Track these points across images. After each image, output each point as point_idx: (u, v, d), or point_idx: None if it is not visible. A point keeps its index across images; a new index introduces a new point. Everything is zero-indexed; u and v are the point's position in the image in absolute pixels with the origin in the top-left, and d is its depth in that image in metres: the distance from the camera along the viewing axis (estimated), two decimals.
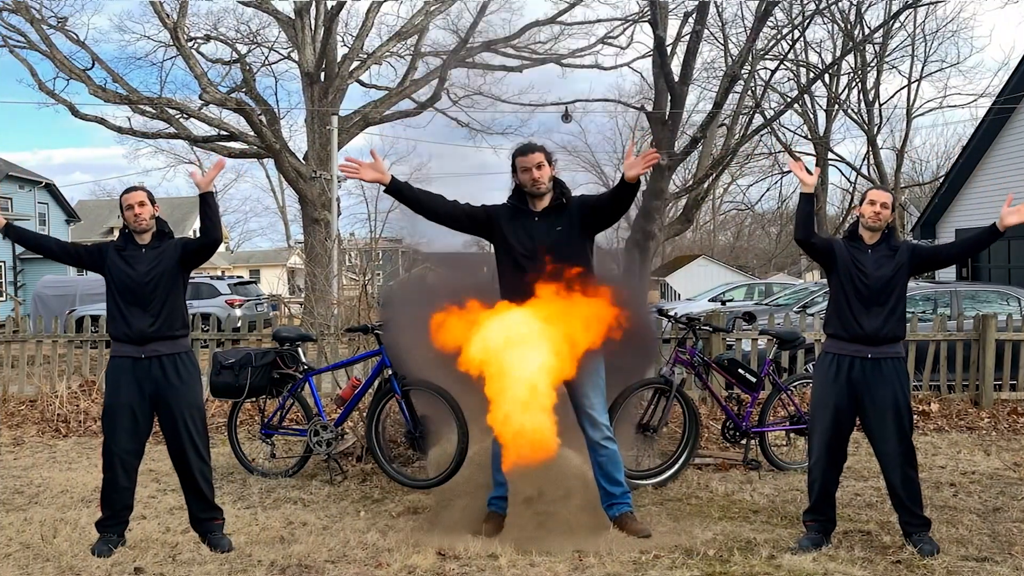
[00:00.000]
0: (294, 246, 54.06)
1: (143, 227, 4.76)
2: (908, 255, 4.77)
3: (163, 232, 4.86)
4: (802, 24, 20.60)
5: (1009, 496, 5.89)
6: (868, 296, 4.70)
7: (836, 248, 4.84)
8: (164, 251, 4.78)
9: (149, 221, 4.77)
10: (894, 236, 4.87)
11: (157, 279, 4.72)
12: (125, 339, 4.73)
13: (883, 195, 4.85)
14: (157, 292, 4.71)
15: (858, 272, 4.72)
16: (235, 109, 23.08)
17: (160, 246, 4.80)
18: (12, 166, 37.05)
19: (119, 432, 4.71)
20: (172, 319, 4.76)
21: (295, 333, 6.75)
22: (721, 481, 6.24)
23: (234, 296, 21.78)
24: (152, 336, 4.70)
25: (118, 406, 4.72)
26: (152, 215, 4.79)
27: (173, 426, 4.76)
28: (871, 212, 4.76)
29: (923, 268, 5.03)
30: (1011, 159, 19.15)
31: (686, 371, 6.45)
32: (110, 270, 4.76)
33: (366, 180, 5.01)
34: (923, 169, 43.24)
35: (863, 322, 4.69)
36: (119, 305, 4.74)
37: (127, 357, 4.73)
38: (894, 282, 4.71)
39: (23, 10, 21.20)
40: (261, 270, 54.34)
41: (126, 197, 4.76)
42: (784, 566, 4.45)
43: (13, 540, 4.97)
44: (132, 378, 4.71)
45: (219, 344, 9.51)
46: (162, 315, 4.72)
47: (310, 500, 5.82)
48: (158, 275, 4.72)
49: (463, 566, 4.48)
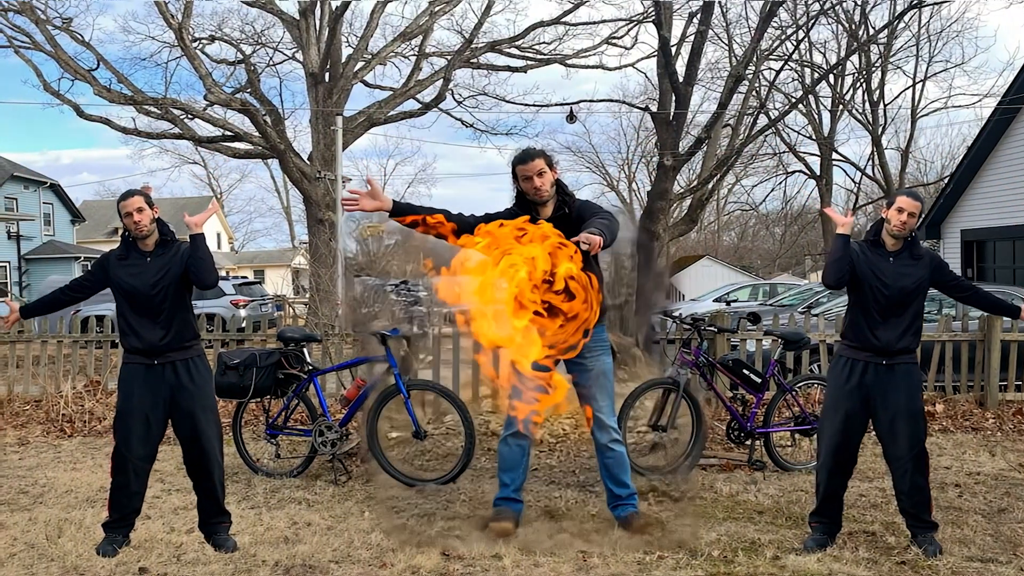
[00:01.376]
0: (299, 246, 54.11)
1: (144, 233, 4.66)
2: (930, 271, 4.65)
3: (166, 238, 4.76)
4: (806, 24, 20.57)
5: (1014, 497, 5.87)
6: (886, 307, 4.62)
7: (854, 258, 4.67)
8: (171, 259, 4.69)
9: (150, 226, 4.67)
10: (917, 244, 4.71)
11: (165, 289, 4.64)
12: (136, 351, 4.69)
13: (913, 204, 4.60)
14: (167, 302, 4.65)
15: (878, 283, 4.61)
16: (240, 110, 23.10)
17: (166, 253, 4.70)
18: (17, 166, 37.13)
19: (132, 438, 4.68)
20: (183, 330, 4.71)
21: (300, 333, 6.75)
22: (726, 482, 6.23)
23: (239, 296, 21.81)
24: (164, 348, 4.66)
25: (131, 412, 4.68)
26: (152, 219, 4.69)
27: (189, 430, 4.73)
28: (898, 221, 4.59)
29: (937, 288, 4.86)
30: (1016, 159, 19.11)
31: (691, 372, 6.45)
32: (115, 282, 4.68)
33: (368, 210, 4.89)
34: (928, 169, 43.22)
35: (879, 334, 4.63)
36: (128, 317, 4.68)
37: (139, 364, 4.70)
38: (913, 295, 4.62)
39: (28, 11, 21.25)
40: (266, 270, 54.44)
41: (123, 204, 4.64)
42: (788, 567, 4.44)
43: (18, 540, 4.98)
44: (145, 383, 4.67)
45: (224, 344, 9.52)
46: (173, 326, 4.67)
47: (315, 500, 5.83)
48: (166, 285, 4.64)
49: (467, 566, 4.48)
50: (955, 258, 20.43)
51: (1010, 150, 19.40)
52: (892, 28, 28.16)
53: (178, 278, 4.67)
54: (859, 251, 4.72)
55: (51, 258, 35.92)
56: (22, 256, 35.72)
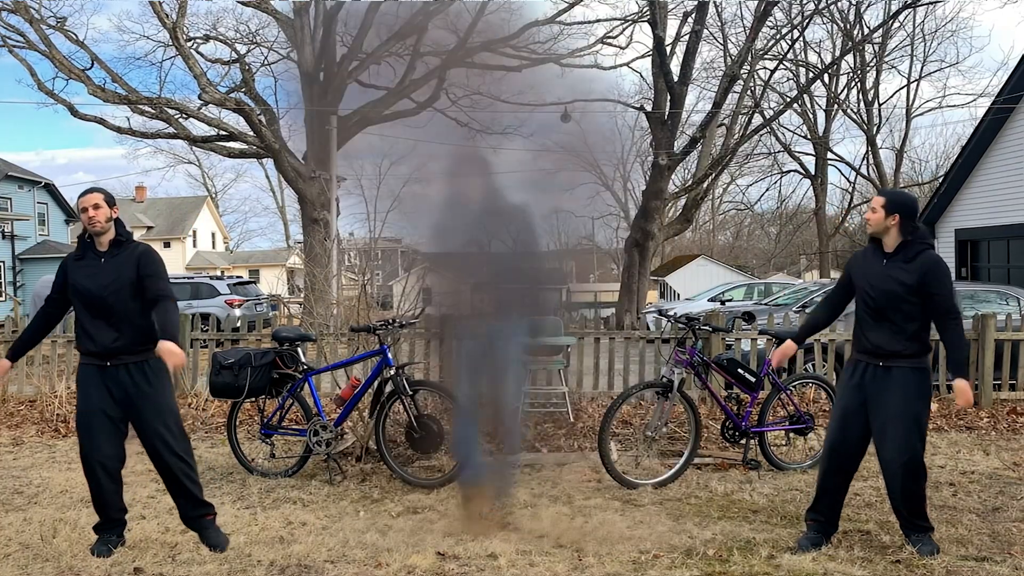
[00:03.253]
0: (293, 246, 54.09)
1: (98, 229, 4.59)
2: (918, 276, 4.49)
3: (120, 239, 4.67)
4: (801, 24, 20.61)
5: (1008, 496, 5.89)
6: (875, 310, 4.61)
7: (852, 263, 4.85)
8: (124, 261, 4.60)
9: (105, 224, 4.60)
10: (912, 247, 4.57)
11: (117, 291, 4.57)
12: (90, 353, 4.63)
13: (876, 199, 4.69)
14: (118, 304, 4.57)
15: (867, 286, 4.65)
16: (234, 109, 23.07)
17: (120, 254, 4.62)
18: (11, 166, 37.04)
19: (99, 437, 4.61)
20: (136, 333, 4.60)
21: (295, 333, 6.74)
22: (720, 481, 6.24)
23: (233, 296, 21.77)
24: (116, 350, 4.58)
25: (93, 412, 4.62)
26: (108, 218, 4.61)
27: (146, 432, 4.66)
28: (866, 216, 4.75)
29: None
30: (1010, 159, 19.16)
31: (685, 371, 6.46)
32: (71, 284, 4.63)
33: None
34: (922, 169, 43.33)
35: (870, 336, 4.63)
36: (82, 319, 4.62)
37: (93, 366, 4.64)
38: (899, 299, 4.53)
39: (22, 10, 21.20)
40: (260, 270, 54.36)
41: (81, 200, 4.60)
42: (783, 566, 4.45)
43: (12, 540, 4.97)
44: (101, 383, 4.61)
45: (219, 344, 9.51)
46: (124, 328, 4.58)
47: (309, 500, 5.82)
48: (118, 287, 4.56)
49: (463, 566, 4.48)
50: (949, 257, 20.47)
51: (1004, 149, 19.45)
52: (887, 28, 28.22)
53: (130, 281, 4.58)
54: (860, 255, 4.83)
55: (45, 258, 35.83)
56: (16, 256, 35.64)
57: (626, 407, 7.85)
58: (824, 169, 35.28)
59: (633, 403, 8.04)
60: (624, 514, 5.42)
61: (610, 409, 6.21)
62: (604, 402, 8.71)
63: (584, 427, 7.90)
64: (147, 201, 57.67)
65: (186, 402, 8.97)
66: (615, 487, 6.02)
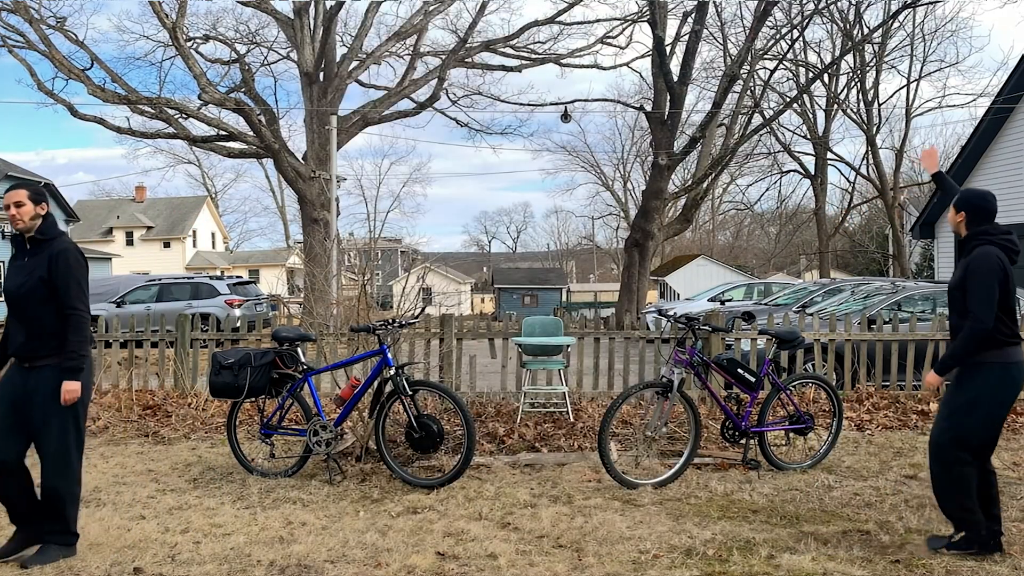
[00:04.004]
0: (293, 246, 54.12)
1: (20, 228, 4.51)
2: (963, 273, 4.62)
3: (39, 238, 4.54)
4: (801, 24, 20.61)
5: (1008, 496, 5.88)
6: (950, 303, 4.76)
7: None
8: (38, 261, 4.48)
9: (28, 222, 4.51)
10: (970, 242, 4.70)
11: (30, 292, 4.46)
12: (12, 354, 4.56)
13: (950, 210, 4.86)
14: (28, 304, 4.47)
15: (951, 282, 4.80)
16: (234, 109, 23.10)
17: (39, 254, 4.51)
18: (11, 166, 37.02)
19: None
20: (43, 335, 4.46)
21: (294, 333, 6.74)
22: (720, 481, 6.24)
23: (233, 296, 21.77)
24: (25, 352, 4.49)
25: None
26: (33, 215, 4.51)
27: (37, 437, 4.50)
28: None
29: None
30: (1010, 158, 19.17)
31: (685, 371, 6.46)
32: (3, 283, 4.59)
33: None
34: (922, 169, 43.28)
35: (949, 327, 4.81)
36: (7, 318, 4.55)
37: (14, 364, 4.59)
38: (951, 296, 4.71)
39: (22, 10, 21.22)
40: (260, 270, 54.38)
41: (5, 197, 4.47)
42: (783, 566, 4.45)
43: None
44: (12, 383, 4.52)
45: (218, 344, 9.52)
46: (33, 331, 4.47)
47: (309, 500, 5.82)
48: (31, 288, 4.46)
49: (463, 566, 4.48)
50: (948, 258, 20.47)
51: (1004, 149, 19.46)
52: (886, 27, 28.23)
53: (42, 281, 4.45)
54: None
55: None
56: None
57: (626, 407, 7.85)
58: (824, 169, 35.31)
59: (633, 403, 8.04)
60: (624, 514, 5.42)
61: (610, 409, 6.21)
62: (604, 402, 8.72)
63: (584, 427, 7.90)
64: (147, 201, 57.68)
65: (186, 402, 8.98)
66: (615, 487, 6.02)
